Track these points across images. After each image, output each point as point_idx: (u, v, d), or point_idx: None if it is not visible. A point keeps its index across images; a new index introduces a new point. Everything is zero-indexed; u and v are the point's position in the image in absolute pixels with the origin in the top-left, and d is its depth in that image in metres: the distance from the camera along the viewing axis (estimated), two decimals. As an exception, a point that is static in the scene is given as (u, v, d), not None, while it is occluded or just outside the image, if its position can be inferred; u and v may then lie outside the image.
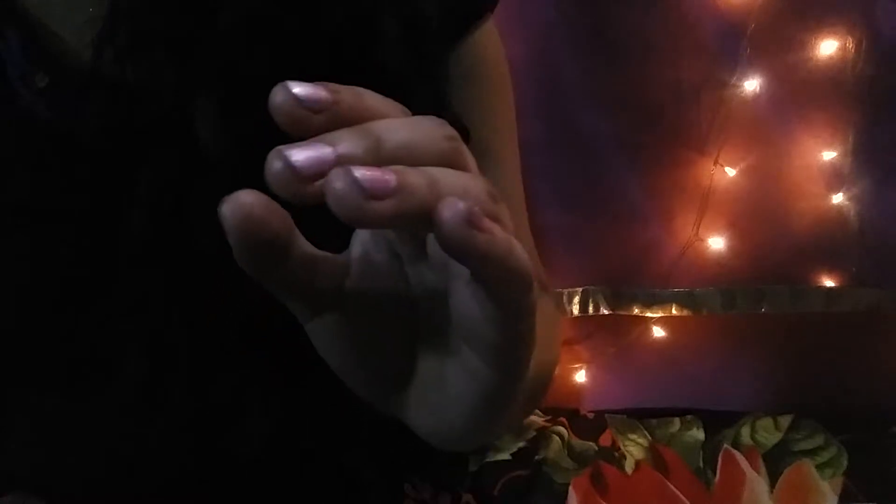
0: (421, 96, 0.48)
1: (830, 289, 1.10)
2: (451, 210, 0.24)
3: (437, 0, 0.50)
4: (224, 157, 0.43)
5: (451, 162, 0.27)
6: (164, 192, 0.44)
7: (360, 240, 0.32)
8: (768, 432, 1.09)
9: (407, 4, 0.47)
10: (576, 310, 1.13)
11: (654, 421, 1.12)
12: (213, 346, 0.47)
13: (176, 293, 0.46)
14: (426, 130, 0.28)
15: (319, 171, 0.25)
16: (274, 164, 0.25)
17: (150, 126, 0.44)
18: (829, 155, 1.07)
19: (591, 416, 1.15)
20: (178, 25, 0.43)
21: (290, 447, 0.50)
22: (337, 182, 0.24)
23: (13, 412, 0.48)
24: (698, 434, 1.10)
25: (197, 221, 0.44)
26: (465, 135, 0.52)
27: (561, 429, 1.11)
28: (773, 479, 1.00)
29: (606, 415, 1.14)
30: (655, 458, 1.06)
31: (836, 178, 1.07)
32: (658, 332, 1.15)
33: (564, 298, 1.13)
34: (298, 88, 0.26)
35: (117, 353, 0.46)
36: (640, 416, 1.13)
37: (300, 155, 0.25)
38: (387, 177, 0.24)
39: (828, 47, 1.03)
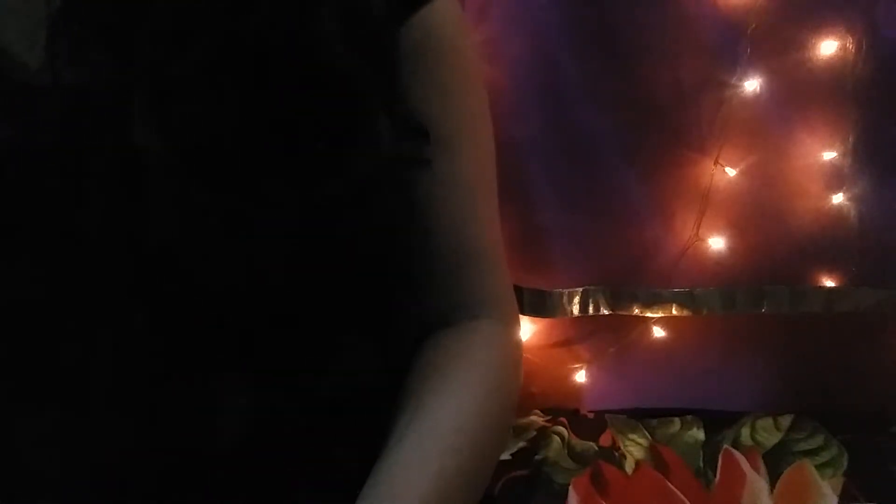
0: (372, 94, 0.46)
1: (830, 289, 1.10)
2: None
3: None
4: (157, 155, 0.42)
5: None
6: (113, 192, 0.43)
7: None
8: (768, 432, 1.09)
9: None
10: (576, 310, 1.13)
11: (654, 421, 1.12)
12: (180, 345, 0.46)
13: (137, 293, 0.45)
14: None
15: None
16: None
17: (96, 128, 0.43)
18: (829, 155, 1.07)
19: (591, 416, 1.15)
20: (114, 25, 0.43)
21: (264, 445, 0.50)
22: None
23: None
24: (698, 434, 1.10)
25: (150, 218, 0.43)
26: (424, 135, 0.50)
27: (561, 429, 1.11)
28: (773, 479, 1.00)
29: (606, 415, 1.14)
30: (655, 458, 1.06)
31: (836, 178, 1.08)
32: (658, 332, 1.15)
33: (564, 298, 1.13)
34: None
35: (82, 358, 0.46)
36: (640, 416, 1.14)
37: None
38: None
39: (828, 47, 1.03)
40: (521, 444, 1.09)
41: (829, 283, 1.11)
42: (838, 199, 1.08)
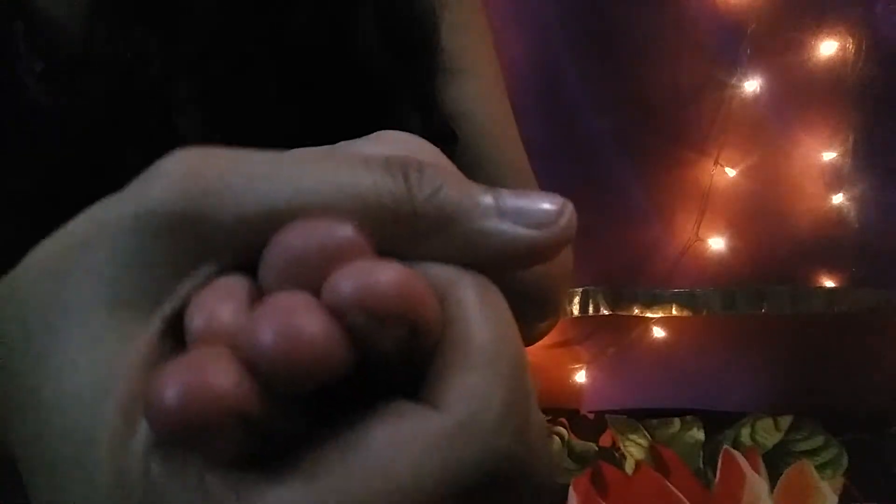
0: (406, 96, 0.48)
1: (830, 289, 1.10)
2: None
3: None
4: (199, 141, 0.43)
5: None
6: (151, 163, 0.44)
7: None
8: (768, 432, 1.09)
9: None
10: (576, 310, 1.13)
11: (654, 421, 1.12)
12: None
13: None
14: None
15: None
16: None
17: (140, 107, 0.44)
18: (829, 155, 1.07)
19: (591, 416, 1.15)
20: (157, 8, 0.43)
21: None
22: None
23: None
24: (698, 434, 1.10)
25: None
26: (454, 138, 0.51)
27: (561, 429, 1.11)
28: (773, 479, 1.00)
29: (606, 415, 1.14)
30: (655, 458, 1.06)
31: (836, 179, 1.08)
32: (658, 332, 1.15)
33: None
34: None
35: None
36: (640, 417, 1.13)
37: None
38: None
39: (828, 47, 1.03)
40: (521, 444, 1.09)
41: (829, 283, 1.11)
42: (838, 199, 1.08)
